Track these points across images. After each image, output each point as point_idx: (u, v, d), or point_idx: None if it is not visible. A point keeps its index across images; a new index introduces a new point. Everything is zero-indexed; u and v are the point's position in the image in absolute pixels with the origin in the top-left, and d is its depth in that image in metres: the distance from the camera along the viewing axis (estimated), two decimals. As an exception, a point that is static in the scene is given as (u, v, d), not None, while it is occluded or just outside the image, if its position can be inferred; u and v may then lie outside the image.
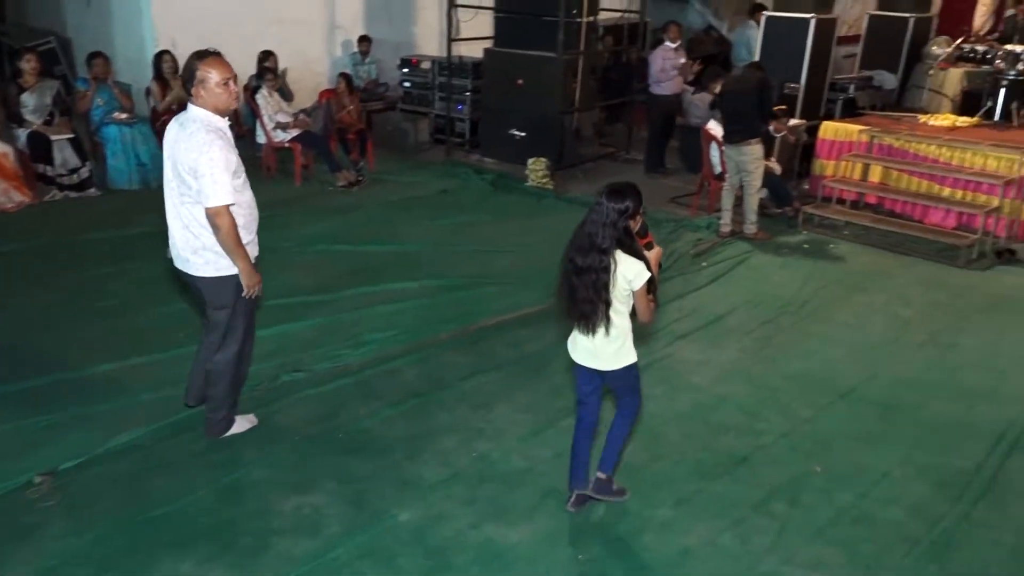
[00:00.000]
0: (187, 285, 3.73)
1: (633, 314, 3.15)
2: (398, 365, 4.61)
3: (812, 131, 8.34)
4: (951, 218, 7.29)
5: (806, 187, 8.39)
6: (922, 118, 8.29)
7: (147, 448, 3.73)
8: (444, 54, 9.59)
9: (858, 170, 7.84)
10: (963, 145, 7.24)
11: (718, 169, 7.45)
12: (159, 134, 7.21)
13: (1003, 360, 4.89)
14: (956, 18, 10.64)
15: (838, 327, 5.33)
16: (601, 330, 3.09)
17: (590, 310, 3.07)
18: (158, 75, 8.00)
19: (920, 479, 3.72)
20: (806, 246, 6.95)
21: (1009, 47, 8.23)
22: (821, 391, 4.48)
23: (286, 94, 8.60)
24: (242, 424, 3.88)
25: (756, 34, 9.35)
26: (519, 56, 8.81)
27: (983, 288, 6.06)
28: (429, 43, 10.69)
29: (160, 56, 8.03)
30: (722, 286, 6.02)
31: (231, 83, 3.42)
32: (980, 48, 9.14)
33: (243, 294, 3.55)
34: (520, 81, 8.83)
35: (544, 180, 8.38)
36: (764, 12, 9.61)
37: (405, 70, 10.06)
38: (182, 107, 4.14)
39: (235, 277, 3.51)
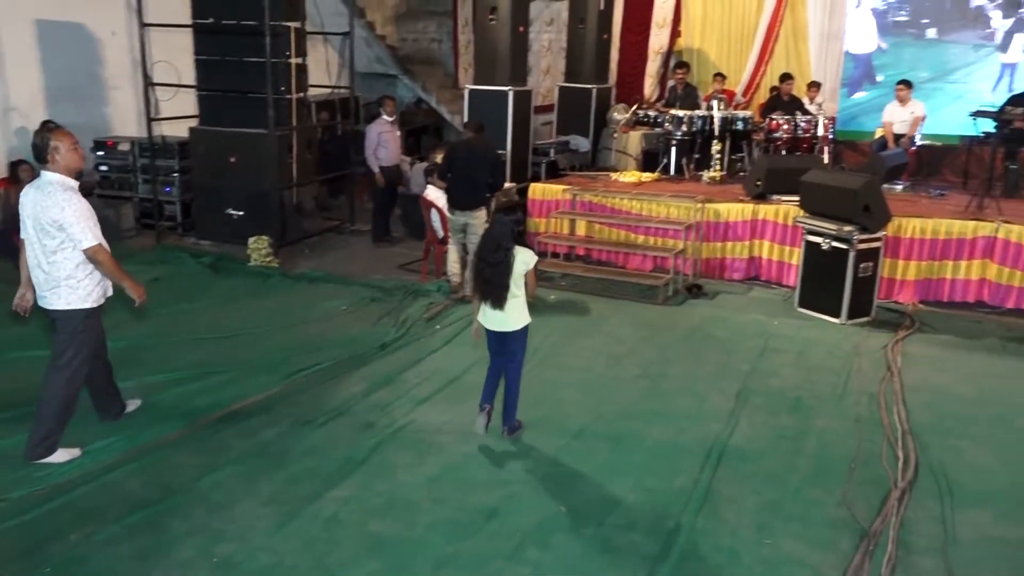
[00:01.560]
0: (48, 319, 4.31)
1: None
2: (117, 477, 4.15)
3: (523, 192, 9.00)
4: (648, 262, 8.21)
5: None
6: (613, 175, 9.32)
7: None
8: (144, 134, 9.04)
9: (566, 225, 8.57)
10: (649, 197, 8.23)
11: (440, 234, 7.73)
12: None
13: (702, 383, 5.55)
14: (630, 87, 12.16)
15: (566, 371, 5.72)
16: (508, 303, 4.53)
17: (500, 291, 4.50)
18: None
19: (650, 502, 4.06)
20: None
21: (673, 112, 9.55)
22: (557, 433, 4.76)
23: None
24: (62, 455, 4.27)
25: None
26: (229, 134, 8.55)
27: (680, 321, 6.86)
28: (127, 124, 9.99)
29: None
30: (457, 346, 6.20)
31: (78, 146, 4.16)
32: (652, 113, 10.53)
33: (135, 305, 4.33)
34: (233, 159, 8.56)
35: (268, 259, 8.13)
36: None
37: (100, 153, 9.31)
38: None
39: (83, 311, 4.23)
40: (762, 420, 4.99)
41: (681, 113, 9.46)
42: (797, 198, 7.31)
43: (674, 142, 9.45)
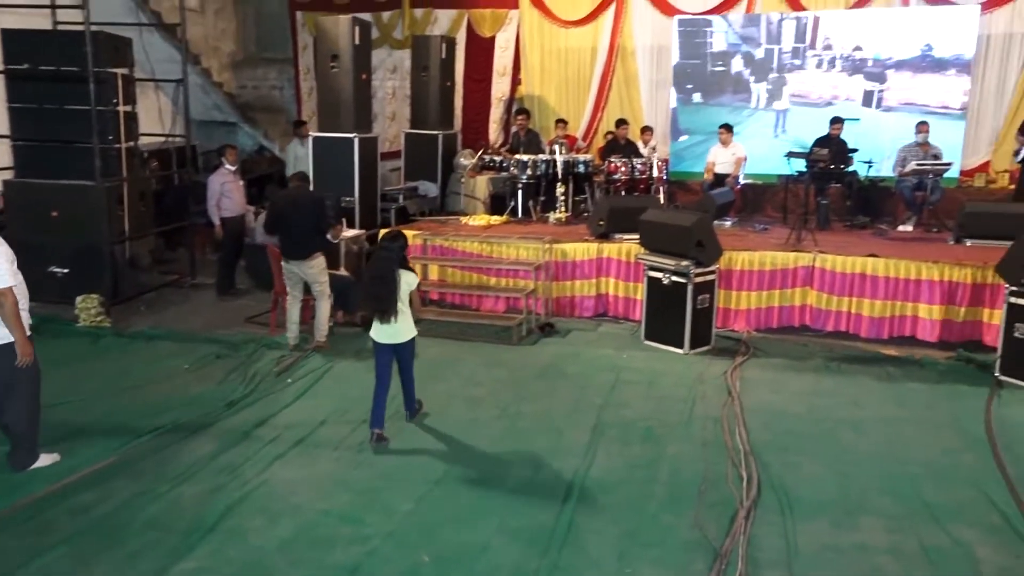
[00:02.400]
0: None
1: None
2: (-78, 572, 3.69)
3: (372, 240, 8.92)
4: (501, 303, 8.33)
5: (376, 291, 8.90)
6: (463, 219, 9.43)
7: None
8: (-50, 189, 8.27)
9: (418, 270, 8.50)
10: (498, 240, 8.38)
11: (290, 284, 7.52)
12: None
13: (558, 420, 5.66)
14: (475, 133, 12.42)
15: (424, 417, 5.68)
16: (395, 318, 5.21)
17: (389, 307, 5.19)
18: None
19: (515, 542, 4.06)
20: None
21: (518, 156, 9.82)
22: (418, 482, 4.69)
23: None
24: (45, 459, 4.81)
25: (304, 151, 9.82)
26: (50, 186, 7.97)
27: (534, 360, 6.99)
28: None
29: None
30: (311, 399, 6.01)
31: None
32: (497, 158, 10.78)
33: (16, 362, 4.56)
34: (55, 213, 7.97)
35: (99, 318, 7.58)
36: (306, 127, 10.14)
37: (-103, 210, 8.39)
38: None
39: (11, 344, 4.54)
40: (617, 451, 5.14)
41: (525, 157, 9.74)
42: (638, 236, 7.68)
43: (520, 185, 9.70)
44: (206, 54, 12.96)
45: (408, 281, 5.33)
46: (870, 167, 9.59)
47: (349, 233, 8.56)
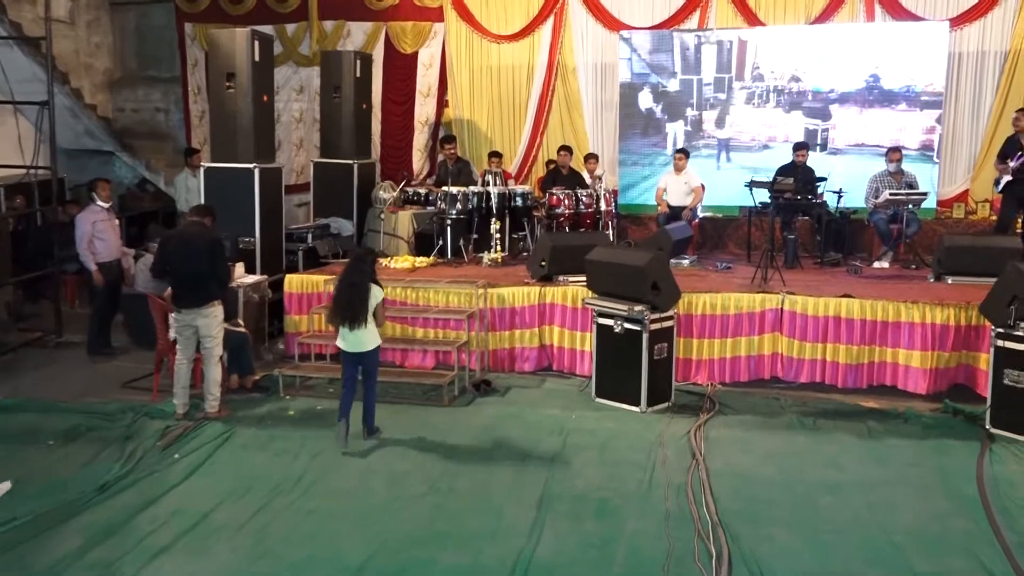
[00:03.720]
0: None
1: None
2: None
3: (277, 286, 8.80)
4: (429, 358, 8.27)
5: (282, 347, 8.77)
6: (384, 261, 9.37)
7: None
8: None
9: (332, 322, 8.48)
10: (425, 285, 8.36)
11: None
12: None
13: (498, 494, 5.60)
14: (396, 162, 12.45)
15: (339, 497, 5.56)
16: (362, 326, 6.32)
17: (359, 314, 6.30)
18: None
19: (447, 642, 3.98)
20: (292, 413, 7.18)
21: (446, 189, 9.88)
22: (333, 573, 4.57)
23: None
24: None
25: (196, 183, 9.70)
26: None
27: (469, 423, 6.93)
28: None
29: None
30: (203, 478, 5.84)
31: None
32: (422, 191, 10.82)
33: None
34: None
35: (-59, 386, 7.26)
36: (198, 157, 10.00)
37: None
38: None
39: None
40: (567, 528, 5.10)
41: (455, 190, 9.81)
42: (584, 278, 7.75)
43: (449, 222, 9.74)
44: (76, 72, 12.72)
45: (375, 295, 6.41)
46: (840, 197, 9.92)
47: (249, 279, 8.44)
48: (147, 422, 6.80)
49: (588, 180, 10.94)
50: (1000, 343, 6.63)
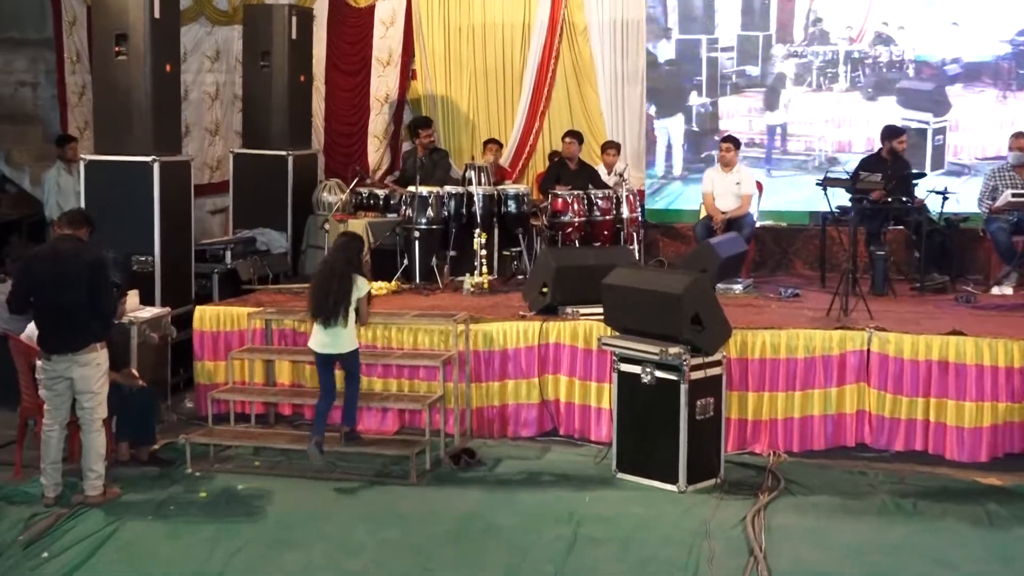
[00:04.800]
0: None
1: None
2: None
3: (182, 321, 8.76)
4: (391, 419, 8.26)
5: (190, 405, 8.73)
6: (328, 289, 9.38)
7: None
8: None
9: (259, 371, 8.44)
10: (385, 320, 8.33)
11: (47, 397, 7.31)
12: None
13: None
14: (346, 154, 12.47)
15: None
16: (340, 324, 7.08)
17: (336, 310, 7.05)
18: None
19: None
20: (203, 496, 7.15)
21: (413, 189, 9.85)
22: None
23: None
24: None
25: (72, 182, 9.68)
26: None
27: (445, 508, 6.89)
28: None
29: None
30: (81, 584, 5.80)
31: None
32: (381, 192, 10.81)
33: None
34: None
35: None
36: (75, 147, 9.98)
37: None
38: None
39: None
40: (580, 654, 5.06)
41: (425, 191, 9.82)
42: (600, 310, 7.73)
43: (418, 234, 9.71)
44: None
45: (360, 288, 7.20)
46: (945, 199, 9.91)
47: (145, 313, 8.40)
48: (4, 509, 6.75)
49: (605, 177, 10.97)
50: None
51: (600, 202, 10.12)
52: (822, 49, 11.11)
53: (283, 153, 10.96)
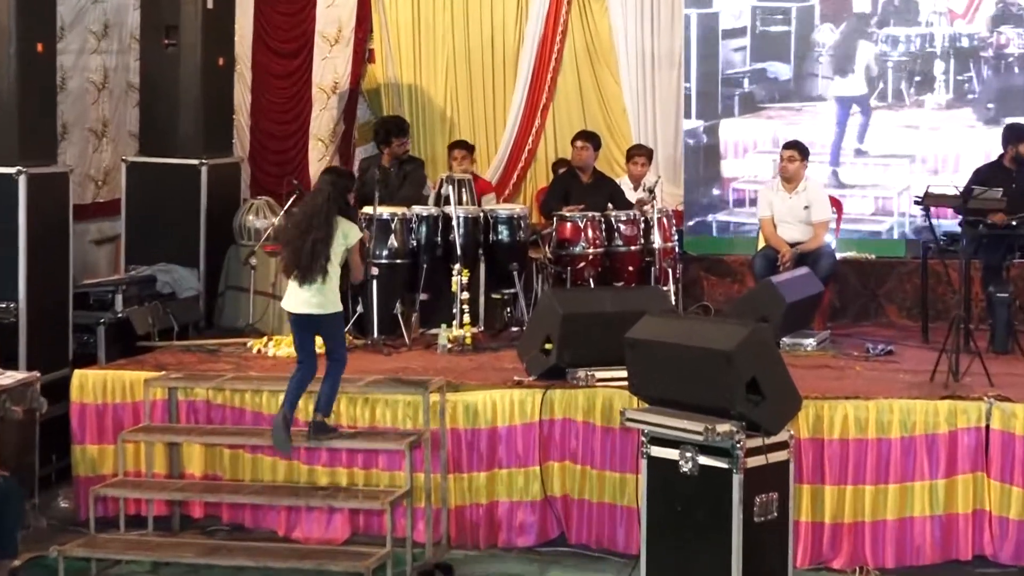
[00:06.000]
0: None
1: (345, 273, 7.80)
2: None
3: (59, 391, 8.72)
4: (339, 523, 8.24)
5: (65, 505, 8.69)
6: (255, 344, 9.42)
7: None
8: None
9: (159, 457, 8.40)
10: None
11: None
12: None
13: None
14: (279, 163, 12.49)
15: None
16: (319, 280, 7.42)
17: (314, 262, 7.38)
18: None
19: None
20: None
21: (368, 210, 9.82)
22: None
23: None
24: None
25: None
26: None
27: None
28: None
29: None
30: None
31: None
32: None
33: None
34: None
35: None
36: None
37: None
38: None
39: None
40: None
41: (387, 212, 9.85)
42: (624, 373, 7.71)
43: (376, 271, 9.71)
44: None
45: (346, 234, 7.66)
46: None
47: (4, 379, 8.37)
48: None
49: (630, 193, 10.98)
50: None
51: (623, 227, 10.13)
52: (905, 32, 11.22)
53: (194, 162, 10.96)
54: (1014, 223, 9.52)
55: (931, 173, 11.18)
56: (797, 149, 10.62)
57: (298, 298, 7.60)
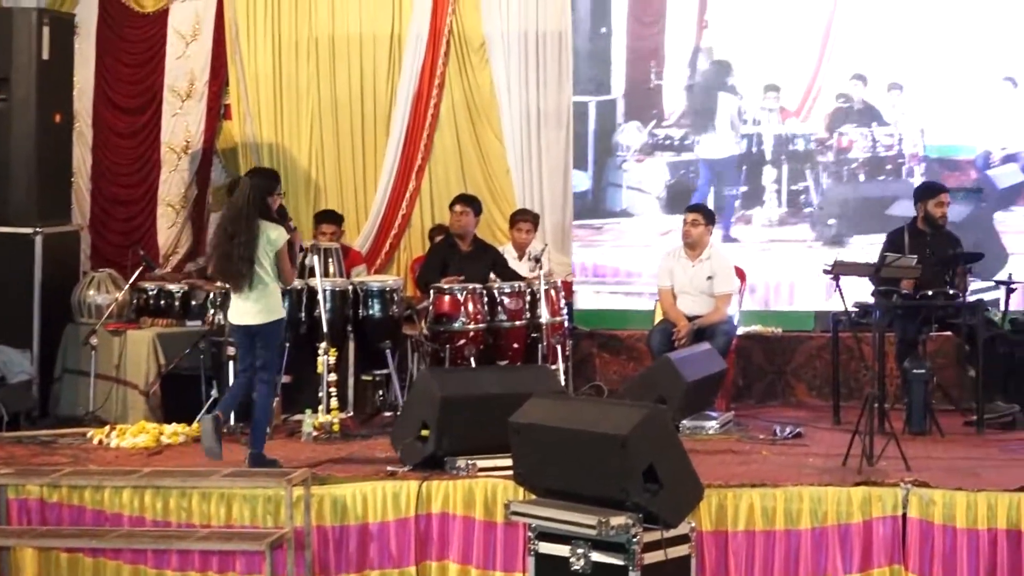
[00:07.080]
0: None
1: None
2: None
3: None
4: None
5: None
6: (95, 434, 9.32)
7: None
8: None
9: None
10: (182, 483, 8.22)
11: None
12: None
13: None
14: (124, 233, 12.43)
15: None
16: (248, 287, 8.07)
17: (241, 270, 8.01)
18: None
19: None
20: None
21: (221, 284, 9.81)
22: None
23: None
24: None
25: None
26: None
27: None
28: None
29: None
30: None
31: None
32: (175, 289, 10.75)
33: None
34: None
35: None
36: None
37: None
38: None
39: None
40: None
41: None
42: (508, 462, 7.72)
43: (233, 351, 9.66)
44: None
45: (271, 238, 8.18)
46: (1010, 292, 10.09)
47: None
48: None
49: (514, 263, 11.03)
50: None
51: (507, 300, 10.17)
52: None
53: (27, 231, 10.86)
54: (929, 292, 9.66)
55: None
56: (701, 212, 10.76)
57: (237, 309, 8.31)
